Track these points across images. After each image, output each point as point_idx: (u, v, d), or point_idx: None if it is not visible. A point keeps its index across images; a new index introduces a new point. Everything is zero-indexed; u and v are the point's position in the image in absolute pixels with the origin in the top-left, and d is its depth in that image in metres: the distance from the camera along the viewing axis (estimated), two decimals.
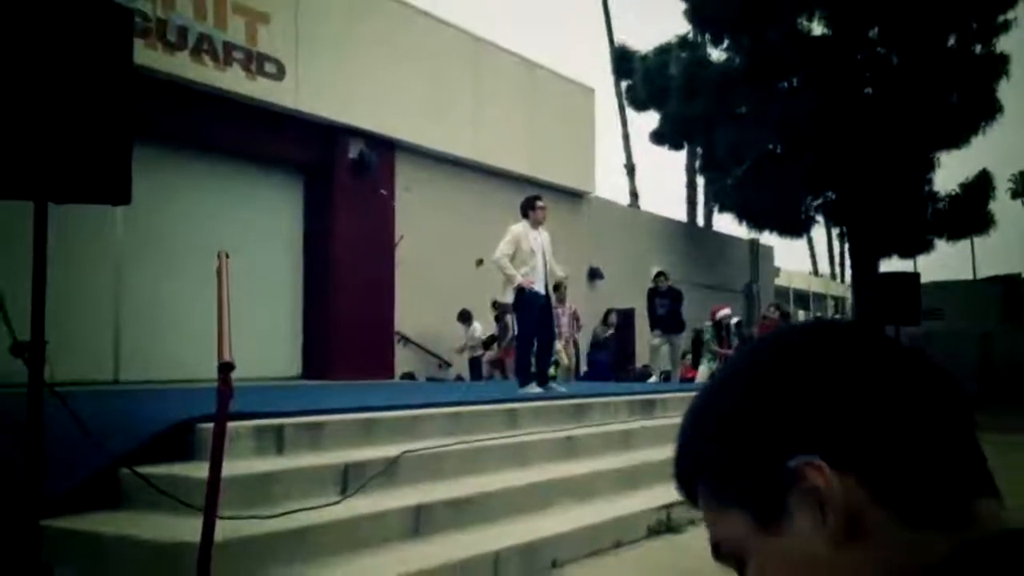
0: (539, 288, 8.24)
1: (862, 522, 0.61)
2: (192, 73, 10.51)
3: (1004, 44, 20.57)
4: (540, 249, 8.29)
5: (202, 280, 7.01)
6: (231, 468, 4.14)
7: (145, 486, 4.07)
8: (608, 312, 15.64)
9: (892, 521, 0.61)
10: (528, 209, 8.47)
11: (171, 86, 10.34)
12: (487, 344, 14.10)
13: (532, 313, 8.28)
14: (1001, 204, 22.15)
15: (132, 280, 10.48)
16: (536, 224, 8.40)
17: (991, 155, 24.50)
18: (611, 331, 15.57)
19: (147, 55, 9.93)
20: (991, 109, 20.54)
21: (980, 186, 21.08)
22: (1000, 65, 20.43)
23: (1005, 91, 20.48)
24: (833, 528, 0.61)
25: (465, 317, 13.87)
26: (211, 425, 3.68)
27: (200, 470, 3.79)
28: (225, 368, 3.46)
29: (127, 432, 4.58)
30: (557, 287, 9.77)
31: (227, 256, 4.25)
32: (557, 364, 13.29)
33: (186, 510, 3.82)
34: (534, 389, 8.17)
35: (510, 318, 11.66)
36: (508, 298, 8.42)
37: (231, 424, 4.20)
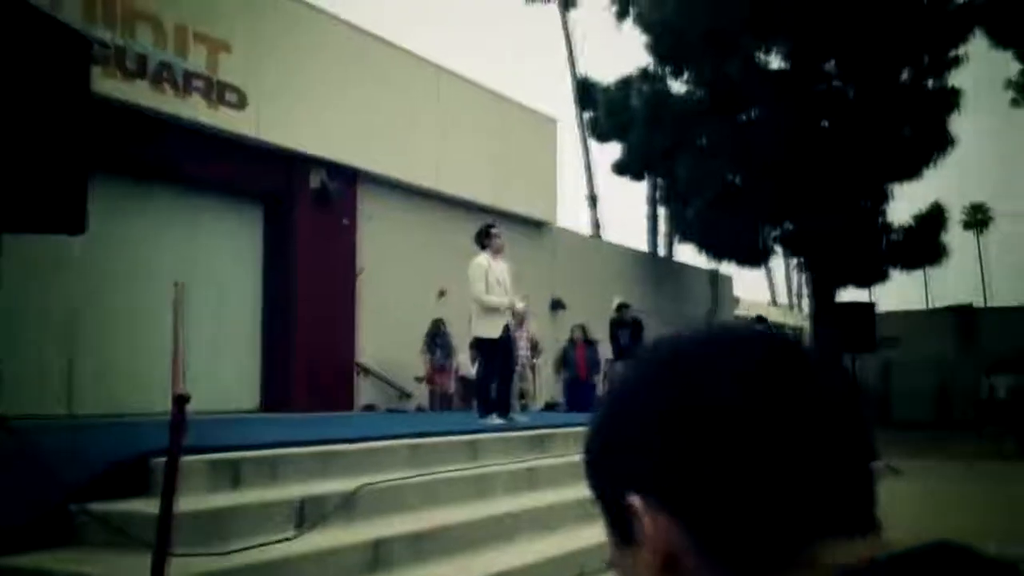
0: (505, 318, 8.25)
1: (678, 563, 0.61)
2: (152, 102, 10.42)
3: (956, 78, 21.10)
4: (503, 281, 8.28)
5: (159, 311, 6.91)
6: (185, 503, 4.05)
7: (97, 522, 3.97)
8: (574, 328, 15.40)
9: (708, 566, 0.60)
10: (484, 238, 8.43)
11: (130, 115, 10.23)
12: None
13: (495, 344, 8.26)
14: (954, 235, 22.58)
15: (87, 311, 10.30)
16: (496, 253, 8.36)
17: (944, 187, 25.04)
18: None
19: (106, 83, 9.84)
20: (943, 142, 21.01)
21: (933, 218, 21.49)
22: (952, 98, 20.93)
23: (957, 124, 20.99)
24: (653, 566, 0.62)
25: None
26: (164, 459, 3.61)
27: (153, 505, 3.70)
28: (179, 400, 3.40)
29: (79, 466, 4.47)
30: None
31: (183, 287, 4.18)
32: (524, 395, 13.26)
33: (138, 547, 3.73)
34: (495, 420, 8.13)
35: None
36: (480, 331, 8.35)
37: (186, 458, 4.12)
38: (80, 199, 3.33)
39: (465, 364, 14.11)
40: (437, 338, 13.36)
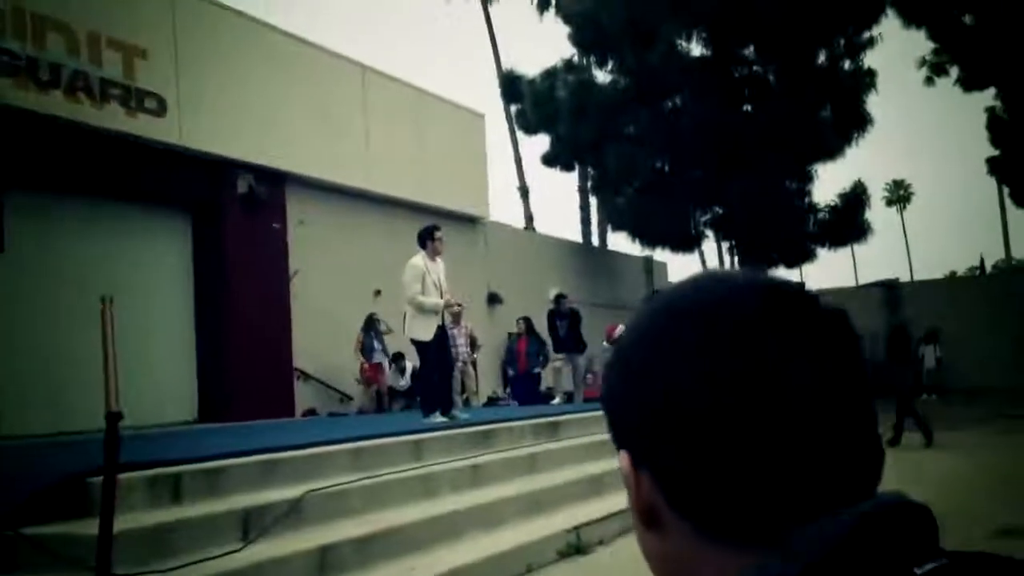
0: (439, 319, 8.24)
1: (659, 518, 0.61)
2: (68, 112, 10.14)
3: (871, 59, 21.68)
4: (439, 281, 8.28)
5: (86, 327, 6.74)
6: (125, 521, 3.98)
7: (35, 547, 3.88)
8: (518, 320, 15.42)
9: (684, 526, 0.59)
10: (427, 239, 8.40)
11: (46, 127, 9.96)
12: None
13: (431, 344, 8.26)
14: (877, 212, 23.22)
15: (11, 330, 10.00)
16: (435, 255, 8.35)
17: (865, 166, 25.71)
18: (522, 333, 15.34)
19: (18, 95, 9.57)
20: (861, 121, 21.59)
21: (856, 196, 22.04)
22: (868, 79, 21.53)
23: (874, 103, 21.59)
24: (638, 517, 0.62)
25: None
26: (101, 478, 3.53)
27: (92, 526, 3.63)
28: (112, 417, 3.33)
29: (11, 490, 4.36)
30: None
31: (111, 302, 4.10)
32: (465, 391, 13.27)
33: (80, 570, 3.65)
34: (438, 418, 8.13)
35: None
36: (414, 333, 8.33)
37: (123, 475, 4.05)
38: None
39: (394, 377, 14.06)
40: (372, 331, 13.28)
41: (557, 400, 14.35)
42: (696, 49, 21.81)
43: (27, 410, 9.87)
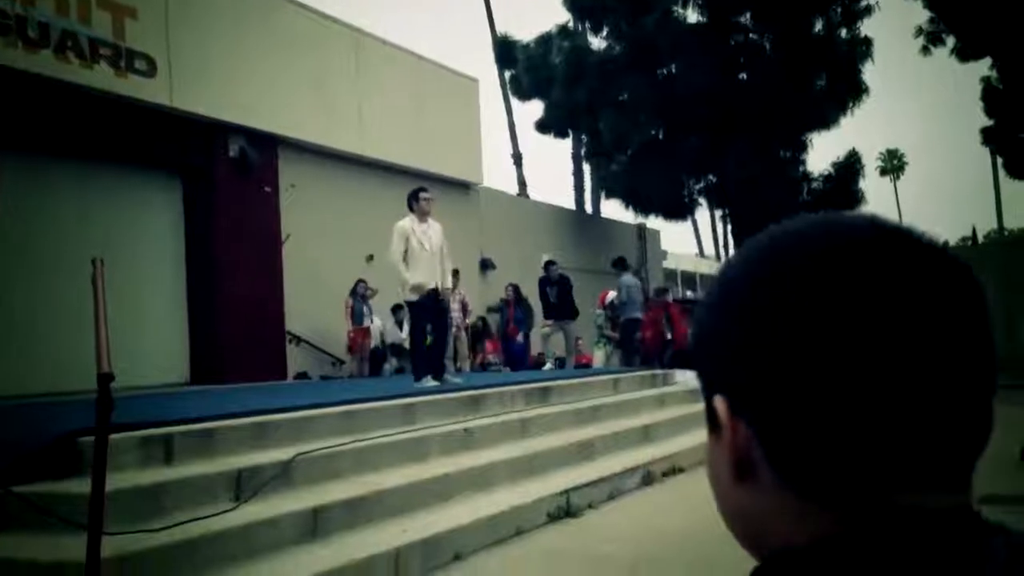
0: (430, 283, 8.21)
1: (753, 470, 0.57)
2: (57, 72, 10.04)
3: (867, 27, 21.57)
4: (429, 242, 8.23)
5: (78, 288, 6.73)
6: (117, 481, 4.00)
7: (27, 505, 3.89)
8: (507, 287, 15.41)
9: (779, 482, 0.56)
10: (412, 201, 8.39)
11: (35, 86, 9.87)
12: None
13: (425, 308, 8.26)
14: (871, 181, 23.26)
15: (4, 290, 9.98)
16: (423, 216, 8.32)
17: (859, 135, 25.67)
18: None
19: (6, 54, 9.47)
20: (857, 90, 21.53)
21: (850, 165, 22.05)
22: (864, 47, 21.44)
23: (870, 72, 21.50)
24: (729, 464, 0.58)
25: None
26: (92, 438, 3.54)
27: (84, 485, 3.64)
28: (104, 379, 3.33)
29: (4, 449, 4.37)
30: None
31: (102, 263, 4.08)
32: (457, 357, 13.32)
33: (71, 528, 3.67)
34: (430, 383, 8.15)
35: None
36: (405, 295, 8.35)
37: (115, 436, 4.06)
38: None
39: (392, 331, 14.08)
40: (358, 296, 13.26)
41: (548, 366, 14.41)
42: (692, 16, 21.68)
43: (19, 371, 9.87)
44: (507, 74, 26.55)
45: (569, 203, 26.60)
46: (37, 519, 3.86)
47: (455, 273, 10.99)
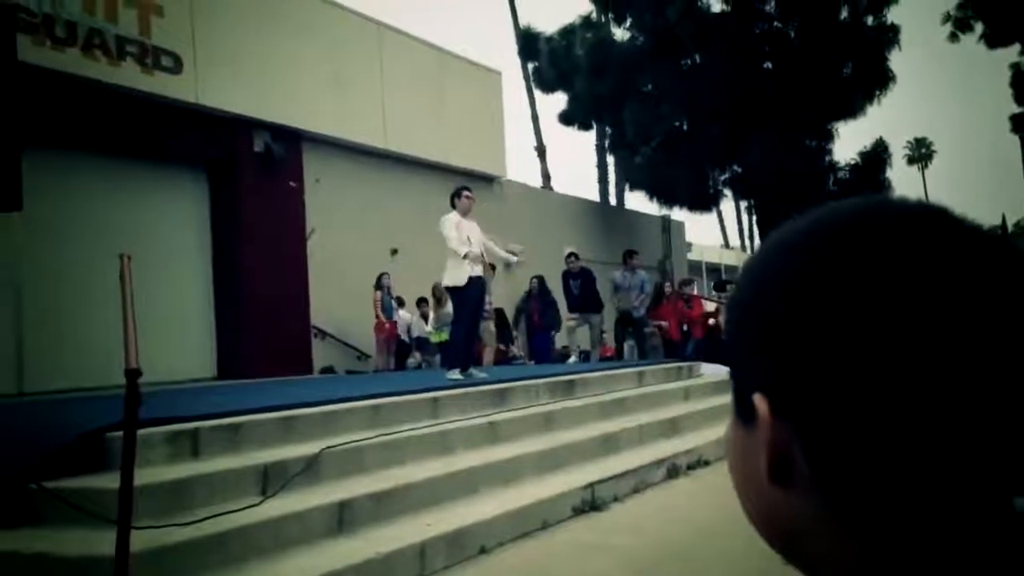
0: (476, 271, 8.32)
1: (792, 473, 0.52)
2: (84, 70, 10.13)
3: (894, 15, 21.31)
4: (473, 237, 8.38)
5: (106, 284, 6.80)
6: (146, 476, 4.04)
7: (57, 500, 3.94)
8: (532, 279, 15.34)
9: (818, 488, 0.51)
10: (456, 198, 8.54)
11: (64, 84, 9.97)
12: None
13: (473, 299, 8.35)
14: (898, 171, 23.04)
15: (33, 287, 10.10)
16: (464, 213, 8.45)
17: (886, 124, 25.45)
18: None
19: (35, 52, 9.55)
20: (884, 78, 21.29)
21: (877, 154, 21.82)
22: (891, 35, 21.18)
23: (897, 60, 21.27)
24: (766, 465, 0.53)
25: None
26: (121, 434, 3.57)
27: (113, 480, 3.68)
28: (132, 375, 3.36)
29: (33, 445, 4.42)
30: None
31: (129, 259, 4.12)
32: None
33: (101, 523, 3.71)
34: (456, 375, 8.18)
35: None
36: (449, 279, 8.40)
37: (144, 431, 4.10)
38: (14, 175, 3.24)
39: (418, 323, 14.10)
40: (383, 288, 13.27)
41: (572, 359, 14.39)
42: (716, 5, 21.53)
43: (48, 367, 10.00)
44: (530, 66, 26.50)
45: (593, 195, 26.54)
46: (67, 514, 3.90)
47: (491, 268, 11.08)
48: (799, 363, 0.50)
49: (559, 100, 25.58)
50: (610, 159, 27.61)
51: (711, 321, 13.98)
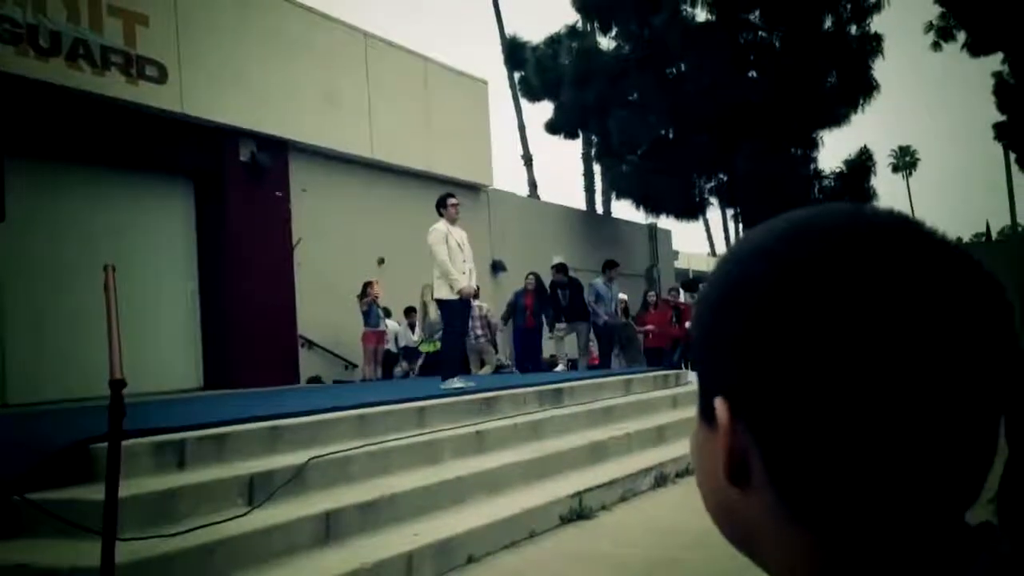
0: (464, 282, 8.32)
1: (749, 474, 0.53)
2: (69, 80, 10.08)
3: (877, 24, 21.50)
4: (464, 245, 8.39)
5: (90, 295, 6.77)
6: (131, 487, 4.02)
7: (41, 512, 3.91)
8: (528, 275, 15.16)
9: (772, 490, 0.53)
10: (441, 207, 8.53)
11: (47, 94, 9.92)
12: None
13: (463, 311, 8.37)
14: (883, 179, 23.23)
15: (15, 298, 10.04)
16: (452, 221, 8.44)
17: (871, 132, 25.60)
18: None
19: (18, 62, 9.51)
20: (868, 87, 21.45)
21: (861, 162, 21.97)
22: (874, 44, 21.36)
23: (881, 69, 21.43)
24: (723, 466, 0.54)
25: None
26: (106, 445, 3.55)
27: (98, 492, 3.65)
28: (116, 385, 3.34)
29: (16, 456, 4.39)
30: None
31: (113, 269, 4.10)
32: (483, 365, 13.25)
33: (86, 534, 3.68)
34: (455, 384, 8.14)
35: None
36: (440, 293, 8.40)
37: (128, 442, 4.07)
38: None
39: (405, 334, 14.07)
40: (368, 297, 13.20)
41: (560, 368, 14.37)
42: (701, 14, 21.66)
43: (32, 377, 9.94)
44: (516, 75, 26.56)
45: (580, 204, 26.59)
46: (52, 525, 3.87)
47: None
48: (759, 369, 0.51)
49: (545, 109, 25.65)
50: (596, 168, 27.68)
51: None
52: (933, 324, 0.48)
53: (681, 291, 16.45)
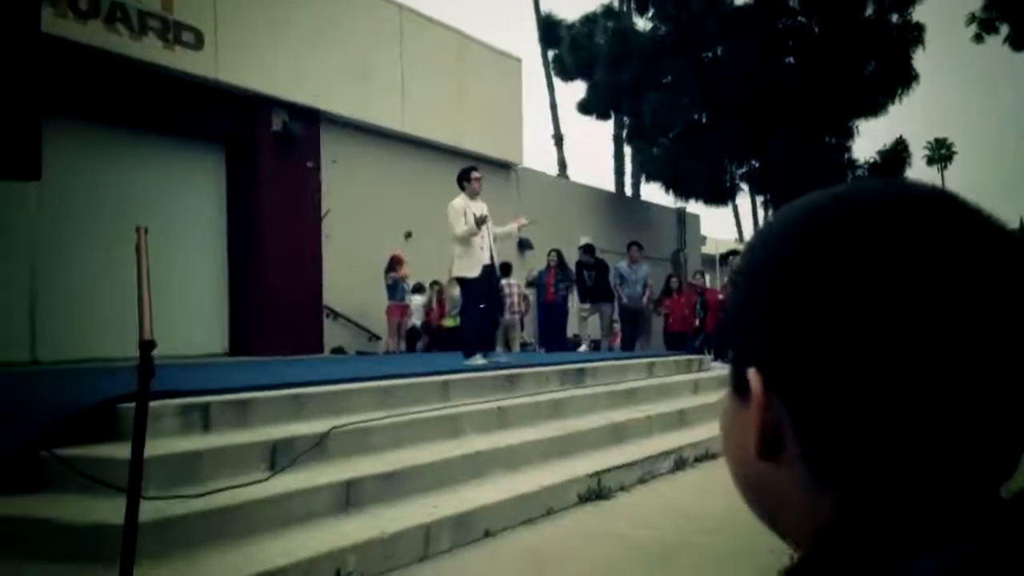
0: (485, 258, 8.26)
1: (782, 447, 0.53)
2: (106, 42, 10.15)
3: (919, 13, 21.12)
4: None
5: (121, 257, 6.83)
6: (156, 447, 4.07)
7: (67, 469, 3.97)
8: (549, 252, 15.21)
9: (805, 463, 0.53)
10: (464, 180, 8.46)
11: (84, 56, 9.99)
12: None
13: (484, 291, 8.30)
14: (918, 171, 22.92)
15: (48, 258, 10.16)
16: (473, 195, 8.37)
17: (908, 123, 25.28)
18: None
19: (57, 24, 9.57)
20: (907, 77, 21.12)
21: (897, 153, 21.68)
22: (916, 34, 20.99)
23: (921, 60, 21.07)
24: (756, 439, 0.54)
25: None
26: (133, 405, 3.59)
27: (123, 450, 3.70)
28: (146, 346, 3.37)
29: (46, 413, 4.46)
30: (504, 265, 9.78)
31: (146, 231, 4.12)
32: (509, 344, 13.30)
33: (110, 492, 3.74)
34: (479, 360, 8.17)
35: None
36: (460, 271, 8.37)
37: (155, 403, 4.12)
38: (34, 143, 3.25)
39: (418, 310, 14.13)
40: (391, 273, 13.24)
41: (584, 348, 14.38)
42: None
43: (63, 337, 10.07)
44: (550, 54, 26.40)
45: (609, 185, 26.46)
46: (77, 481, 3.94)
47: (507, 267, 11.05)
48: (794, 340, 0.51)
49: (578, 89, 25.49)
50: (627, 150, 27.51)
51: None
52: (971, 293, 0.48)
53: (706, 275, 16.36)
